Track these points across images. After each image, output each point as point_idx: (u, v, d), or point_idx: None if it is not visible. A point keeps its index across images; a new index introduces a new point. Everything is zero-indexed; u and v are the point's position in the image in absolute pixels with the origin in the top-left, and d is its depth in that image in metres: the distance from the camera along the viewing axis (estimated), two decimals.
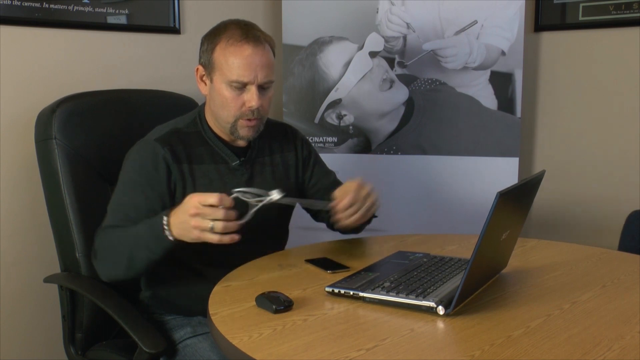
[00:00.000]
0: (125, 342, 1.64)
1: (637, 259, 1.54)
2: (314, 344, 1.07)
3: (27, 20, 1.97)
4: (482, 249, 1.16)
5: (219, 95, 1.55)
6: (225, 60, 1.52)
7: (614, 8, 2.30)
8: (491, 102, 2.33)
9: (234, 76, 1.52)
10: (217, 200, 1.32)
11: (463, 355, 1.03)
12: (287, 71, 2.43)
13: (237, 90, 1.53)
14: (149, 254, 1.43)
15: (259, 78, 1.53)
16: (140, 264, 1.46)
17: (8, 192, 1.97)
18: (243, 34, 1.53)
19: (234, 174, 1.61)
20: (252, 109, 1.54)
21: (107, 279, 1.53)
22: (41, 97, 1.87)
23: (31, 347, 2.07)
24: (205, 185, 1.57)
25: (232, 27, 1.55)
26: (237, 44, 1.52)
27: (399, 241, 1.73)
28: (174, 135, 1.59)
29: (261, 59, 1.53)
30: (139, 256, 1.44)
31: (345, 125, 2.41)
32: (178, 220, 1.38)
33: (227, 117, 1.56)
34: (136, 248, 1.44)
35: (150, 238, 1.42)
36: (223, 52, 1.53)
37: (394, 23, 2.35)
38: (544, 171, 1.42)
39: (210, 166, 1.59)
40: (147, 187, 1.53)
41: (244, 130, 1.57)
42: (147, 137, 1.60)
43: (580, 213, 2.46)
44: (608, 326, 1.13)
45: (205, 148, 1.60)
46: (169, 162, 1.55)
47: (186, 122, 1.64)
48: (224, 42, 1.53)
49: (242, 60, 1.51)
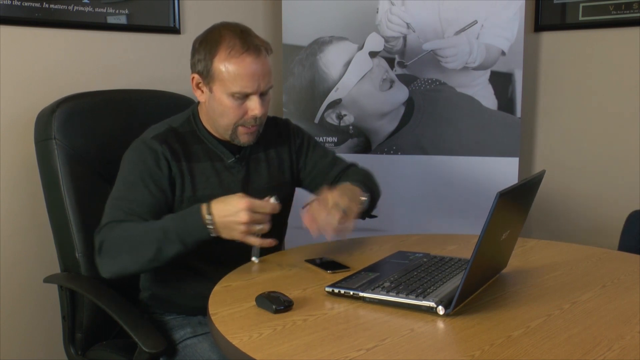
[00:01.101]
0: (125, 342, 1.64)
1: (637, 259, 1.54)
2: (314, 344, 1.07)
3: (27, 20, 1.97)
4: (482, 249, 1.16)
5: (220, 105, 1.55)
6: (226, 72, 1.51)
7: (614, 8, 2.30)
8: (491, 102, 2.33)
9: (237, 88, 1.51)
10: (271, 210, 1.41)
11: (463, 355, 1.03)
12: (287, 71, 2.43)
13: (239, 100, 1.53)
14: (181, 247, 1.43)
15: (262, 87, 1.53)
16: (167, 258, 1.45)
17: (8, 193, 1.97)
18: (243, 44, 1.51)
19: (230, 171, 1.62)
20: (254, 117, 1.55)
21: (112, 274, 1.49)
22: (41, 97, 1.87)
23: (31, 347, 2.07)
24: (202, 183, 1.58)
25: (229, 36, 1.53)
26: (238, 56, 1.50)
27: (399, 241, 1.73)
28: (171, 134, 1.60)
29: (262, 68, 1.53)
30: (168, 250, 1.43)
31: (345, 125, 2.41)
32: (224, 220, 1.40)
33: (227, 125, 1.57)
34: (166, 242, 1.42)
35: (185, 232, 1.42)
36: (224, 63, 1.51)
37: (394, 23, 2.35)
38: (544, 171, 1.42)
39: (206, 164, 1.60)
40: (150, 183, 1.53)
41: (245, 137, 1.59)
42: (143, 136, 1.60)
43: (580, 213, 2.46)
44: (608, 326, 1.13)
45: (201, 146, 1.61)
46: (168, 159, 1.55)
47: (180, 121, 1.64)
48: (223, 52, 1.51)
49: (245, 72, 1.50)
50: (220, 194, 1.46)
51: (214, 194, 1.50)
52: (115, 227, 1.48)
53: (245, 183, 1.63)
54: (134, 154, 1.57)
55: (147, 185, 1.53)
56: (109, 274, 1.49)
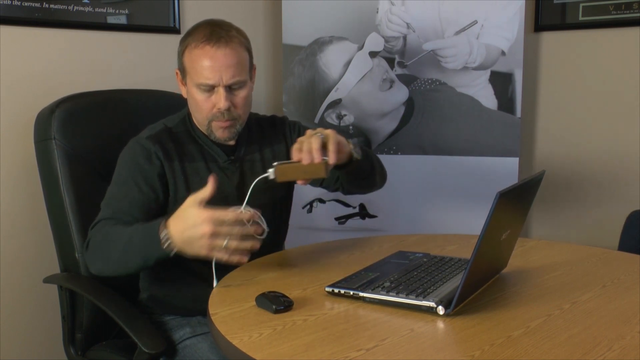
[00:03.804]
0: (125, 342, 1.64)
1: (637, 259, 1.54)
2: (314, 344, 1.07)
3: (27, 20, 1.97)
4: (482, 249, 1.16)
5: (192, 98, 1.57)
6: (191, 63, 1.53)
7: (614, 8, 2.30)
8: (491, 102, 2.33)
9: (200, 79, 1.52)
10: (234, 217, 1.28)
11: (463, 355, 1.03)
12: (287, 71, 2.42)
13: (207, 92, 1.53)
14: (143, 262, 1.40)
15: (225, 79, 1.51)
16: (132, 268, 1.44)
17: (8, 193, 1.97)
18: (207, 35, 1.51)
19: (224, 172, 1.61)
20: (220, 111, 1.53)
21: (96, 272, 1.49)
22: (41, 97, 1.87)
23: (31, 347, 2.07)
24: (197, 183, 1.55)
25: (201, 29, 1.54)
26: (200, 46, 1.51)
27: (399, 241, 1.72)
28: (165, 134, 1.60)
29: (225, 60, 1.50)
30: (131, 260, 1.41)
31: (345, 125, 2.41)
32: (183, 235, 1.30)
33: (201, 119, 1.58)
34: (130, 253, 1.39)
35: (146, 247, 1.37)
36: (190, 55, 1.53)
37: (394, 23, 2.35)
38: (544, 171, 1.42)
39: (200, 164, 1.60)
40: (141, 181, 1.53)
41: (219, 132, 1.57)
42: (138, 135, 1.61)
43: (580, 213, 2.46)
44: (608, 326, 1.13)
45: (195, 146, 1.61)
46: (161, 159, 1.56)
47: (175, 121, 1.64)
48: (190, 44, 1.53)
49: (205, 63, 1.50)
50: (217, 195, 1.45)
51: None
52: (102, 226, 1.48)
53: (240, 185, 1.61)
54: (127, 153, 1.58)
55: (137, 183, 1.52)
56: (94, 271, 1.50)
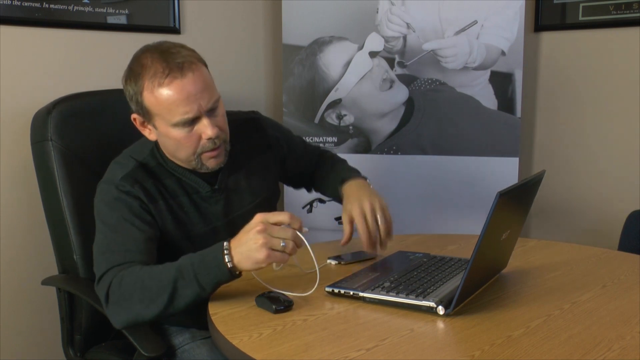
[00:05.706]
0: (124, 343, 1.63)
1: (637, 259, 1.54)
2: (314, 344, 1.07)
3: (27, 20, 1.97)
4: (482, 249, 1.16)
5: (170, 140, 1.40)
6: (159, 105, 1.35)
7: (614, 8, 2.30)
8: (491, 102, 2.33)
9: (177, 116, 1.35)
10: (288, 218, 1.22)
11: (463, 355, 1.03)
12: (287, 71, 2.42)
13: (188, 127, 1.37)
14: (198, 289, 1.24)
15: (204, 105, 1.36)
16: (183, 303, 1.26)
17: (5, 194, 1.97)
18: (163, 67, 1.34)
19: (208, 201, 1.50)
20: (211, 140, 1.40)
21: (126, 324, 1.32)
22: (41, 97, 1.86)
23: (30, 349, 2.07)
24: (184, 219, 1.47)
25: (149, 61, 1.36)
26: (164, 83, 1.34)
27: (399, 241, 1.72)
28: (140, 171, 1.45)
29: (195, 86, 1.35)
30: (184, 293, 1.25)
31: (345, 125, 2.41)
32: (240, 242, 1.22)
33: (188, 156, 1.43)
34: (181, 283, 1.25)
35: (202, 269, 1.24)
36: (153, 96, 1.35)
37: (394, 23, 2.35)
38: (544, 171, 1.42)
39: (183, 198, 1.47)
40: (134, 219, 1.39)
41: (211, 162, 1.44)
42: (108, 176, 1.45)
43: (580, 213, 2.46)
44: (608, 326, 1.13)
45: (173, 180, 1.47)
46: (144, 202, 1.41)
47: (145, 154, 1.48)
48: (148, 83, 1.35)
49: (178, 97, 1.33)
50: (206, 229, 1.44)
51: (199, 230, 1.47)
52: (119, 272, 1.31)
53: (227, 211, 1.52)
54: (106, 197, 1.42)
55: (132, 222, 1.38)
56: (121, 324, 1.32)
